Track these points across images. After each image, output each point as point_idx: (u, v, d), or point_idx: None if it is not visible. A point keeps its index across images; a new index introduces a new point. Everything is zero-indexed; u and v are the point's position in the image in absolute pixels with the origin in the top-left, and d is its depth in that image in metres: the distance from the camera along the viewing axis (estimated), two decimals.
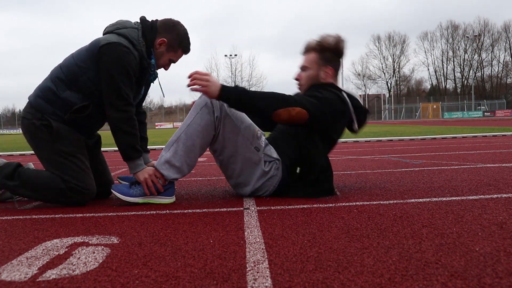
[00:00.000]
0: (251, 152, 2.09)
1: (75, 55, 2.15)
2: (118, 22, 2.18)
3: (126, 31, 2.11)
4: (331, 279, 1.04)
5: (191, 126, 2.05)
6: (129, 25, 2.16)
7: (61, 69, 2.14)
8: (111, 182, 2.37)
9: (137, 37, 2.12)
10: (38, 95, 2.15)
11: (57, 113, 2.11)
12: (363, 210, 1.82)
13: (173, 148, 2.06)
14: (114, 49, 2.03)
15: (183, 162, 2.06)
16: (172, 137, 2.10)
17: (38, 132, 2.10)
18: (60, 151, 2.09)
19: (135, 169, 2.10)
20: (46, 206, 2.17)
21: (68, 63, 2.13)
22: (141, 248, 1.35)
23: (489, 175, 2.73)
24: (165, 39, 2.17)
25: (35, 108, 2.12)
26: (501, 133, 8.17)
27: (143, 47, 2.13)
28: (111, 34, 2.10)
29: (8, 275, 1.14)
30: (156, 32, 2.17)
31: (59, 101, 2.10)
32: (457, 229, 1.45)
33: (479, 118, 37.32)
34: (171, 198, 2.15)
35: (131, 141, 2.09)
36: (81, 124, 2.17)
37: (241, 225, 1.63)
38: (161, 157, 2.09)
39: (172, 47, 2.20)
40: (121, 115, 2.07)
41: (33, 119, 2.11)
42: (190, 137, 2.04)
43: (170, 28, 2.19)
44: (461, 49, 59.95)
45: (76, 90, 2.10)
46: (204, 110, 2.04)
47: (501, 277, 1.01)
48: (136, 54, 2.10)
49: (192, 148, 2.05)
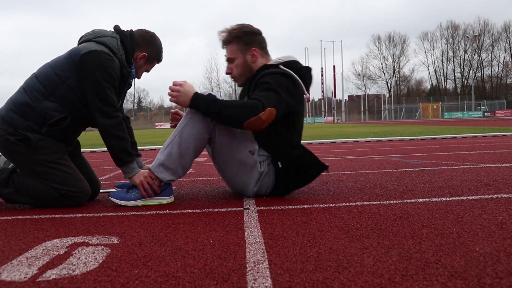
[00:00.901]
0: (246, 156, 2.10)
1: (52, 64, 2.11)
2: (95, 31, 2.17)
3: (105, 39, 2.11)
4: (331, 279, 1.04)
5: (185, 129, 2.05)
6: (108, 33, 2.16)
7: (36, 79, 2.09)
8: (98, 183, 2.38)
9: (117, 46, 2.13)
10: (10, 109, 2.07)
11: (32, 126, 2.04)
12: (363, 210, 1.82)
13: (168, 150, 2.06)
14: (97, 56, 2.02)
15: (178, 164, 2.06)
16: (167, 140, 2.10)
17: (15, 147, 2.04)
18: (42, 161, 2.05)
19: (130, 173, 2.10)
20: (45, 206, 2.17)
21: (46, 72, 2.09)
22: (141, 248, 1.35)
23: (489, 175, 2.73)
24: (146, 54, 2.23)
25: (8, 123, 2.05)
26: (501, 133, 8.17)
27: (123, 55, 2.14)
28: (90, 42, 2.08)
29: (8, 275, 1.14)
30: (136, 44, 2.20)
31: (35, 114, 2.04)
32: (457, 229, 1.45)
33: (479, 118, 37.31)
34: (170, 198, 2.15)
35: (123, 146, 2.08)
36: (59, 136, 2.13)
37: (241, 225, 1.63)
38: (156, 160, 2.09)
39: (150, 59, 2.29)
40: (112, 121, 2.06)
41: (5, 135, 2.04)
42: (184, 140, 2.04)
43: (149, 42, 2.25)
44: (461, 49, 59.95)
45: (54, 100, 2.05)
46: (198, 113, 2.04)
47: (501, 277, 1.01)
48: (117, 62, 2.10)
49: (187, 151, 2.05)
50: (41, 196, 2.08)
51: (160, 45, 2.30)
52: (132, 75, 2.24)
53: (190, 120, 2.04)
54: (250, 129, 2.01)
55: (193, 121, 2.04)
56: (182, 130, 2.05)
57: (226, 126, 2.05)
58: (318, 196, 2.19)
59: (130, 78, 2.25)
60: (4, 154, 2.14)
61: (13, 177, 2.11)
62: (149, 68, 2.33)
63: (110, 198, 2.11)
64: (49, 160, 2.07)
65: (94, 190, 2.30)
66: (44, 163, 2.06)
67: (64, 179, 2.07)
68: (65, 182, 2.06)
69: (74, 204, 2.10)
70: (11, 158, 2.12)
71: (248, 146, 2.10)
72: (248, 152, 2.10)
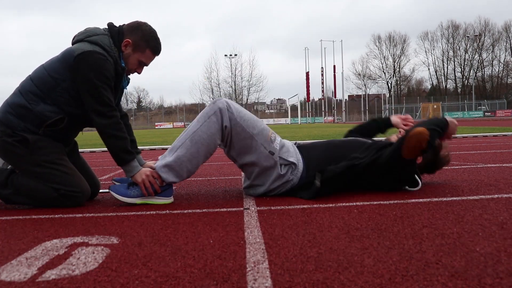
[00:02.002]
0: (266, 157, 2.10)
1: (47, 66, 2.10)
2: (87, 30, 2.15)
3: (97, 38, 2.09)
4: (331, 279, 1.03)
5: (197, 133, 2.05)
6: (100, 32, 2.13)
7: (32, 82, 2.08)
8: (98, 183, 2.37)
9: (109, 44, 2.10)
10: (7, 111, 2.07)
11: (30, 128, 2.04)
12: (363, 210, 1.81)
13: (177, 153, 2.06)
14: (90, 57, 2.00)
15: (184, 168, 2.06)
16: (177, 142, 2.09)
17: (13, 149, 2.04)
18: (41, 161, 2.05)
19: (132, 172, 2.09)
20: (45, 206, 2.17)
21: (41, 75, 2.08)
22: (141, 248, 1.35)
23: (490, 175, 2.73)
24: (129, 40, 2.14)
25: (5, 125, 2.05)
26: (502, 133, 8.16)
27: (116, 53, 2.12)
28: (83, 43, 2.07)
29: (7, 275, 1.14)
30: (122, 36, 2.15)
31: (32, 116, 2.04)
32: (458, 229, 1.45)
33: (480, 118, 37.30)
34: (169, 199, 2.15)
35: (123, 145, 2.08)
36: (57, 137, 2.13)
37: (241, 225, 1.62)
38: (163, 159, 2.09)
39: (138, 46, 2.16)
40: (109, 121, 2.06)
41: (3, 137, 2.04)
42: (195, 144, 2.04)
43: (135, 29, 2.16)
44: (461, 49, 59.91)
45: (51, 103, 2.05)
46: (212, 118, 2.04)
47: (501, 278, 1.01)
48: (111, 61, 2.09)
49: (196, 155, 2.06)
50: (41, 196, 2.07)
51: (149, 31, 2.17)
52: (124, 69, 2.18)
53: (203, 124, 2.05)
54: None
55: (205, 126, 2.04)
56: (193, 134, 2.05)
57: (242, 129, 2.06)
58: None
59: (125, 76, 2.22)
60: (2, 157, 2.13)
61: (12, 178, 2.10)
62: (141, 58, 2.19)
63: (110, 191, 2.10)
64: (48, 160, 2.07)
65: (93, 190, 2.29)
66: (43, 163, 2.06)
67: (64, 179, 2.07)
68: (64, 182, 2.06)
69: (73, 204, 2.09)
70: (10, 160, 2.11)
71: (268, 146, 2.11)
72: (268, 152, 2.10)
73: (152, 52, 2.21)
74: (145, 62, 2.23)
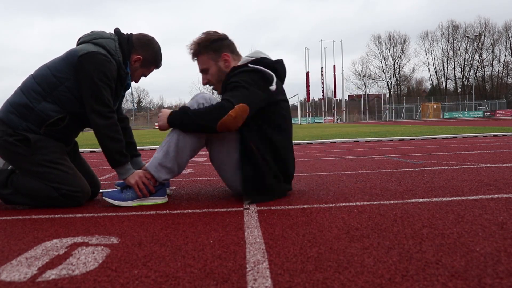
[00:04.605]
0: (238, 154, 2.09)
1: (50, 65, 2.11)
2: (94, 33, 2.18)
3: (103, 41, 2.11)
4: (331, 279, 1.03)
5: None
6: (106, 35, 2.16)
7: (34, 80, 2.09)
8: (98, 183, 2.37)
9: (115, 48, 2.13)
10: (9, 110, 2.07)
11: (31, 127, 2.05)
12: (363, 210, 1.81)
13: (165, 148, 2.06)
14: (94, 57, 2.02)
15: (174, 163, 2.06)
16: (165, 138, 2.11)
17: (14, 148, 2.04)
18: (42, 161, 2.06)
19: (125, 175, 2.10)
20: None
21: (44, 74, 2.09)
22: (141, 248, 1.35)
23: (490, 175, 2.73)
24: (141, 57, 2.21)
25: (6, 124, 2.05)
26: (502, 133, 8.16)
27: (121, 57, 2.14)
28: (87, 44, 2.09)
29: (7, 275, 1.14)
30: (132, 47, 2.19)
31: (33, 115, 2.05)
32: (458, 229, 1.45)
33: (480, 118, 37.30)
34: (163, 198, 2.15)
35: (118, 147, 2.08)
36: (58, 136, 2.14)
37: (241, 225, 1.62)
38: (153, 159, 2.09)
39: (146, 63, 2.26)
40: (107, 121, 2.06)
41: (4, 136, 2.04)
42: (182, 139, 2.04)
43: (146, 45, 2.22)
44: (461, 49, 59.92)
45: (52, 101, 2.06)
46: None
47: (501, 278, 1.01)
48: (114, 63, 2.10)
49: (184, 149, 2.06)
50: (41, 196, 2.07)
51: (158, 50, 2.28)
52: (129, 77, 2.23)
53: None
54: (226, 130, 1.98)
55: None
56: (180, 130, 2.05)
57: (201, 132, 2.04)
58: (318, 196, 2.19)
59: (128, 80, 2.24)
60: (3, 156, 2.13)
61: (12, 178, 2.10)
62: (146, 72, 2.30)
63: (104, 197, 2.11)
64: (49, 160, 2.07)
65: (94, 190, 2.29)
66: (43, 163, 2.06)
67: (64, 178, 2.07)
68: (65, 182, 2.06)
69: (74, 204, 2.09)
70: (10, 159, 2.11)
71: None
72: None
73: (155, 68, 2.34)
74: (146, 75, 2.34)
